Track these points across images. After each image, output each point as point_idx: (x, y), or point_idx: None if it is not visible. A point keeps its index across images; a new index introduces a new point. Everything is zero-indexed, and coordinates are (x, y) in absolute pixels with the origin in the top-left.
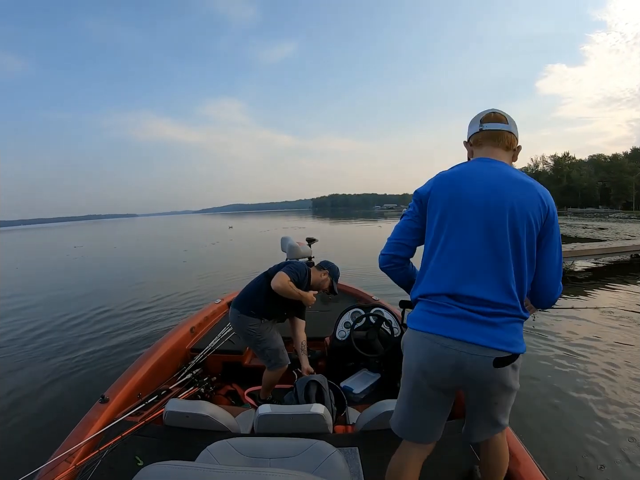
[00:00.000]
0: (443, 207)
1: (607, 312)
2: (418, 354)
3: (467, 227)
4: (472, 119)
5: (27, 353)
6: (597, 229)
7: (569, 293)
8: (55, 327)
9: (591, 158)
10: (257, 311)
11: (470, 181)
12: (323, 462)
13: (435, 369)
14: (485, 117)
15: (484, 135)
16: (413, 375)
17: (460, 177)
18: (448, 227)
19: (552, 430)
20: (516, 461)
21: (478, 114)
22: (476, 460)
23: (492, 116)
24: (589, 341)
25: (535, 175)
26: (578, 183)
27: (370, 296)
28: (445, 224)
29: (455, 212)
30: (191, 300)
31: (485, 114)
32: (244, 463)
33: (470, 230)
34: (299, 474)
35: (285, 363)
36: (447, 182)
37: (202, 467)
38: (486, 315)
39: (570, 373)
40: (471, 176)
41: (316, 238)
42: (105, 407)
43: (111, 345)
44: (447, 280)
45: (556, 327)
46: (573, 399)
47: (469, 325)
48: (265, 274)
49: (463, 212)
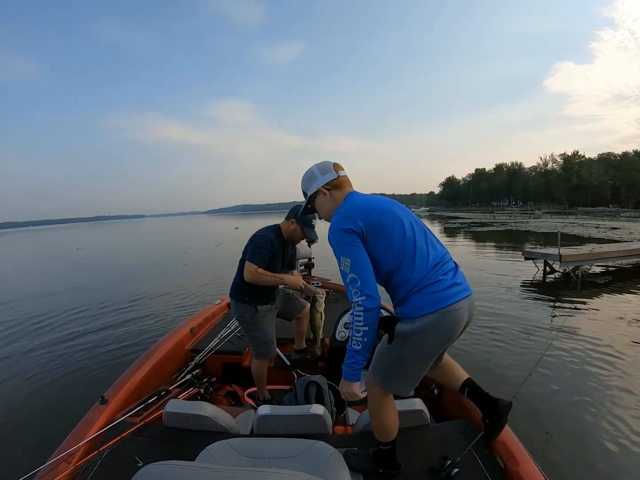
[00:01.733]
0: (383, 225)
1: (634, 320)
2: (444, 329)
3: (403, 228)
4: (319, 169)
5: (27, 353)
6: (610, 228)
7: (588, 298)
8: (55, 328)
9: (600, 156)
10: (250, 297)
11: (383, 203)
12: (322, 463)
13: (456, 331)
14: (336, 166)
15: (341, 179)
16: (433, 351)
17: (376, 204)
18: (395, 234)
19: (568, 433)
20: (515, 461)
21: (324, 165)
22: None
23: (339, 166)
24: (609, 349)
25: (544, 174)
26: (588, 182)
27: None
28: (393, 232)
29: (393, 224)
30: (190, 302)
31: (334, 164)
32: (243, 463)
33: (406, 229)
34: (298, 475)
35: (271, 355)
36: (373, 212)
37: (201, 467)
38: (456, 275)
39: (588, 381)
40: (379, 202)
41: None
42: (105, 407)
43: (111, 346)
44: (421, 264)
45: (577, 334)
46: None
47: (462, 284)
48: (242, 258)
49: (397, 223)
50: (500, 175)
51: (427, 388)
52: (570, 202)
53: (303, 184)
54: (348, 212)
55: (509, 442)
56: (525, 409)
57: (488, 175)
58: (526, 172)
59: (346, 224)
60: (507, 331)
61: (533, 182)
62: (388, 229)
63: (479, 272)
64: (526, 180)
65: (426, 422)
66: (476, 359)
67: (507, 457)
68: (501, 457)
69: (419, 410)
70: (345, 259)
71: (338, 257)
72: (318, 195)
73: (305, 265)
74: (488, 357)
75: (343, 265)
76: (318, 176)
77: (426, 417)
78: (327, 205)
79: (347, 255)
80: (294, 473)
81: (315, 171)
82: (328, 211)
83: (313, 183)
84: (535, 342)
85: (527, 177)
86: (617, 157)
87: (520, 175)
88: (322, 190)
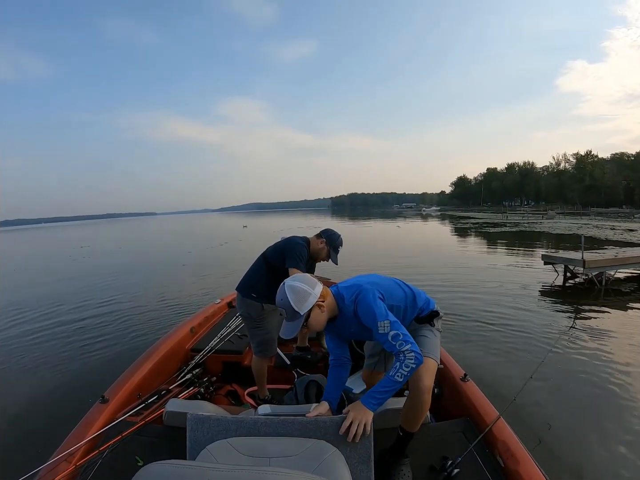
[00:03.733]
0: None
1: None
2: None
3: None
4: (306, 284)
5: (27, 354)
6: (626, 230)
7: (612, 307)
8: (55, 328)
9: (614, 156)
10: (259, 294)
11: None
12: (323, 462)
13: None
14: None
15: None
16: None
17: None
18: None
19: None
20: (516, 460)
21: (306, 278)
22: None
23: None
24: (623, 359)
25: (556, 174)
26: (601, 182)
27: None
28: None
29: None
30: (190, 302)
31: (310, 274)
32: (244, 462)
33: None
34: (298, 474)
35: (272, 354)
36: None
37: (202, 466)
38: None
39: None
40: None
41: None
42: (105, 407)
43: (111, 345)
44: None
45: (602, 347)
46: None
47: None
48: (263, 255)
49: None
50: (512, 174)
51: None
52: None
53: (293, 304)
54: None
55: (510, 442)
56: (526, 410)
57: (500, 174)
58: (538, 172)
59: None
60: (517, 335)
61: (545, 182)
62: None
63: (495, 275)
64: (538, 180)
65: (426, 420)
66: (487, 360)
67: (507, 456)
68: (501, 457)
69: None
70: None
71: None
72: (313, 311)
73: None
74: (495, 359)
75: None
76: (310, 291)
77: (426, 416)
78: (323, 318)
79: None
80: (295, 472)
81: (304, 288)
82: (323, 323)
83: (307, 300)
84: (539, 348)
85: (539, 177)
86: (630, 157)
87: (533, 175)
88: (318, 305)
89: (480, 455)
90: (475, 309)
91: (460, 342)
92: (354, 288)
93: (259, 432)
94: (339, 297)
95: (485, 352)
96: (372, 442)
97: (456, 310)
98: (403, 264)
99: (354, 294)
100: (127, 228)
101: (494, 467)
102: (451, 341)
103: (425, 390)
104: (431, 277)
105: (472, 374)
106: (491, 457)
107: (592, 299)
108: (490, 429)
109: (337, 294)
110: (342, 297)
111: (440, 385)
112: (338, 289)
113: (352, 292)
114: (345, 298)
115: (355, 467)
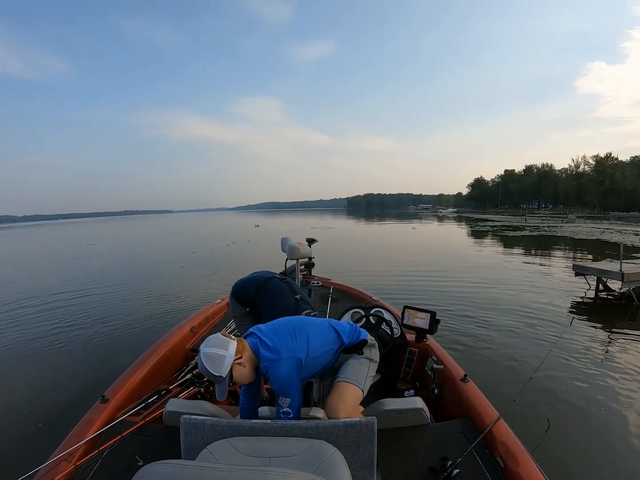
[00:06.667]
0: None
1: None
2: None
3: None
4: (217, 346)
5: (27, 354)
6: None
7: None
8: (54, 328)
9: (634, 159)
10: (244, 300)
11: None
12: (323, 462)
13: None
14: (224, 335)
15: (239, 341)
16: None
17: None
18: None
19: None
20: (515, 461)
21: (216, 341)
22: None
23: (224, 333)
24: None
25: (575, 176)
26: (622, 185)
27: (370, 296)
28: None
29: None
30: (190, 302)
31: (220, 334)
32: (244, 462)
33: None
34: (299, 474)
35: None
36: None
37: (202, 466)
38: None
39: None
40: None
41: (316, 239)
42: (105, 406)
43: (111, 345)
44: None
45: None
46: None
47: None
48: (266, 278)
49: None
50: (529, 176)
51: (427, 388)
52: (602, 206)
53: (212, 371)
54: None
55: (510, 442)
56: (526, 410)
57: (517, 176)
58: (557, 174)
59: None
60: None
61: (564, 185)
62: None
63: (522, 285)
64: (557, 182)
65: (426, 421)
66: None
67: (507, 457)
68: (501, 457)
69: (419, 408)
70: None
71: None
72: (234, 370)
73: (306, 265)
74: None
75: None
76: (224, 354)
77: (426, 416)
78: (247, 371)
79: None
80: (295, 472)
81: (218, 353)
82: (250, 375)
83: (224, 363)
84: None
85: (557, 179)
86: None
87: (551, 177)
88: (237, 363)
89: (480, 456)
90: (496, 324)
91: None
92: (274, 354)
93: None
94: (256, 352)
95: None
96: (376, 448)
97: (489, 325)
98: (421, 272)
99: (270, 359)
100: (139, 225)
101: (494, 467)
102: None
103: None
104: (462, 289)
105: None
106: (491, 457)
107: (628, 320)
108: (490, 430)
109: (255, 349)
110: (259, 354)
111: (441, 385)
112: (259, 344)
113: (270, 357)
114: (262, 359)
115: (358, 472)
